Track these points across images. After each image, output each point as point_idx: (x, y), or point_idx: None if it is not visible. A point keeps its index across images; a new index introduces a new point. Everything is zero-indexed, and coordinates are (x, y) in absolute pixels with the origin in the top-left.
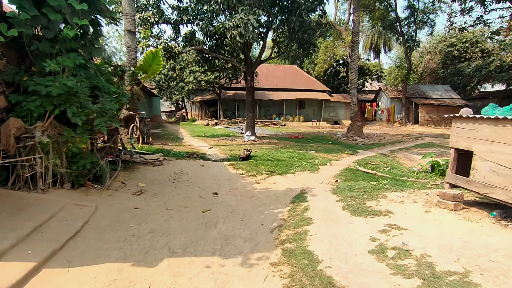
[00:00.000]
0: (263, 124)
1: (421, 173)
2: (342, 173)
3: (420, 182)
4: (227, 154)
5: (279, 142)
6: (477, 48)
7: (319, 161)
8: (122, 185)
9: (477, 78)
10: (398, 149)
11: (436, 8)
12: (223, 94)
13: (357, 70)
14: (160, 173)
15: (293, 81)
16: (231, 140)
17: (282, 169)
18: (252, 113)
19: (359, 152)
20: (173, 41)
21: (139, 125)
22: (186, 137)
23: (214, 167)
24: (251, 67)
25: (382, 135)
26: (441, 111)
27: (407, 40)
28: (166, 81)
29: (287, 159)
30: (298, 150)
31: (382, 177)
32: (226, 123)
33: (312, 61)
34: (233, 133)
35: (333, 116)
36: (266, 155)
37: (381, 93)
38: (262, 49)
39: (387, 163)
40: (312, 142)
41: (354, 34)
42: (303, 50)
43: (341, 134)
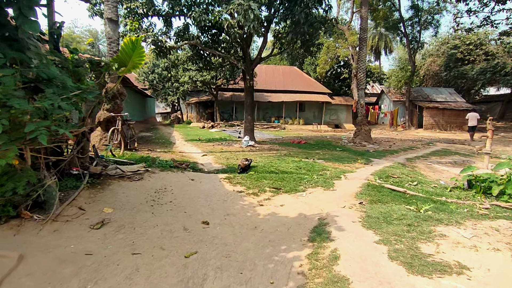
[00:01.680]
0: (262, 128)
1: (456, 189)
2: (364, 191)
3: (466, 205)
4: (223, 164)
5: (281, 148)
6: (481, 50)
7: (331, 173)
8: (80, 213)
9: (481, 81)
10: (415, 157)
11: (441, 8)
12: (220, 95)
13: (365, 70)
14: (137, 191)
15: (293, 82)
16: (228, 146)
17: (290, 185)
18: (251, 115)
19: (373, 161)
20: (164, 35)
21: (121, 128)
22: (178, 141)
23: (206, 181)
24: (250, 65)
25: (390, 140)
26: (446, 115)
27: (411, 41)
28: (161, 81)
29: (293, 170)
30: (305, 158)
31: (415, 197)
32: (222, 125)
33: (313, 63)
34: (230, 137)
35: (334, 119)
36: (269, 166)
37: (383, 95)
38: (263, 44)
39: (410, 175)
40: (317, 149)
41: (362, 31)
42: (306, 48)
43: (346, 139)
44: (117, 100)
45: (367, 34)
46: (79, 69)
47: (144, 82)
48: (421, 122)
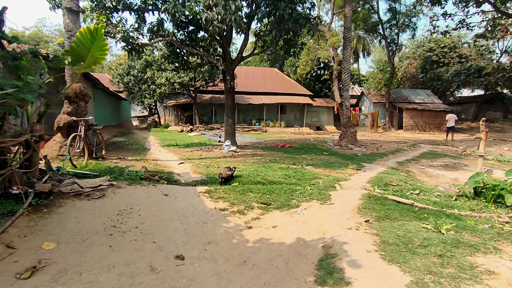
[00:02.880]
0: (243, 131)
1: (462, 198)
2: (367, 204)
3: (484, 219)
4: (202, 174)
5: (265, 152)
6: (455, 53)
7: (324, 182)
8: (7, 252)
9: (456, 83)
10: (405, 160)
11: (418, 11)
12: (199, 97)
13: (350, 71)
14: (95, 214)
15: (274, 84)
16: (207, 151)
17: (281, 199)
18: (232, 118)
19: (365, 166)
20: (136, 32)
21: (84, 134)
22: (154, 147)
23: (182, 197)
24: (231, 65)
25: (375, 143)
26: (425, 116)
27: (389, 44)
28: (137, 83)
29: (283, 180)
30: (292, 165)
31: (424, 210)
32: (202, 129)
33: (293, 64)
34: (210, 141)
35: (315, 121)
36: (254, 175)
37: (363, 97)
38: (244, 42)
39: (408, 182)
40: (303, 153)
41: (347, 30)
42: (289, 48)
43: (331, 142)
44: (80, 102)
45: (351, 33)
46: (21, 63)
47: (118, 84)
48: (401, 123)
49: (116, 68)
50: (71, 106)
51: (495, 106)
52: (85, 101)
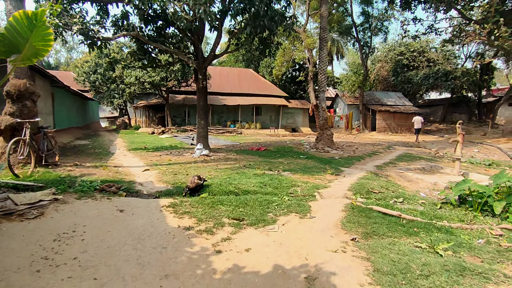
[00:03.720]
0: (217, 133)
1: (446, 205)
2: (351, 217)
3: (476, 231)
4: (168, 183)
5: (240, 156)
6: (424, 57)
7: (303, 189)
8: None
9: (425, 86)
10: (383, 163)
11: (390, 15)
12: (171, 98)
13: (326, 72)
14: (23, 241)
15: (249, 85)
16: (177, 156)
17: (256, 213)
18: (204, 120)
19: (343, 171)
20: (97, 25)
21: (29, 138)
22: (119, 150)
23: (141, 213)
24: (203, 63)
25: (351, 145)
26: (397, 118)
27: (362, 47)
28: (104, 82)
29: (257, 189)
30: (268, 170)
31: (413, 223)
32: (174, 131)
33: (268, 65)
34: (182, 144)
35: (291, 123)
36: (226, 183)
37: (338, 99)
38: (217, 40)
39: (390, 188)
40: (279, 156)
41: (323, 30)
42: (264, 47)
43: (308, 144)
44: (26, 101)
45: (327, 33)
46: None
47: (84, 83)
48: (374, 125)
49: (81, 66)
50: (14, 106)
51: (461, 108)
52: (32, 100)
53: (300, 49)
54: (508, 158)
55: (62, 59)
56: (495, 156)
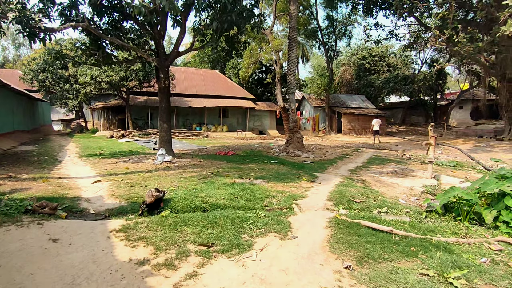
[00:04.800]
0: (182, 136)
1: (431, 214)
2: (338, 235)
3: (474, 247)
4: (122, 197)
5: (207, 162)
6: (384, 62)
7: (279, 201)
8: None
9: (386, 89)
10: (356, 168)
11: (353, 20)
12: (133, 99)
13: (295, 73)
14: None
15: (215, 87)
16: (137, 163)
17: (228, 235)
18: (167, 123)
19: (318, 177)
20: (40, 14)
21: None
22: (69, 157)
23: (82, 242)
24: (165, 61)
25: (320, 148)
26: (361, 120)
27: (327, 50)
28: (56, 82)
29: (228, 202)
30: (238, 178)
31: (407, 239)
32: (136, 134)
33: (235, 67)
34: (143, 149)
35: (258, 125)
36: (192, 196)
37: (304, 101)
38: (180, 35)
39: (369, 195)
40: (249, 162)
41: (292, 30)
42: (231, 46)
43: (277, 148)
44: None
45: (296, 33)
46: None
47: (32, 82)
48: (340, 127)
49: (28, 64)
50: None
51: (418, 111)
52: None
53: (268, 51)
54: (469, 159)
55: (10, 56)
56: (457, 157)
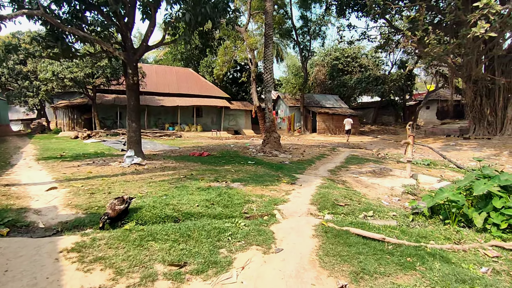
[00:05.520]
0: (153, 136)
1: (418, 217)
2: (326, 246)
3: (470, 253)
4: (80, 207)
5: (180, 164)
6: (356, 63)
7: (259, 206)
8: None
9: (358, 90)
10: (335, 168)
11: (327, 21)
12: (100, 98)
13: (272, 70)
14: None
15: (189, 85)
16: (102, 166)
17: (203, 251)
18: (136, 122)
19: (298, 179)
20: None
21: None
22: (24, 160)
23: (22, 268)
24: (133, 55)
25: (297, 147)
26: (335, 120)
27: (302, 50)
28: (13, 78)
29: (203, 209)
30: (214, 181)
31: (401, 248)
32: (103, 135)
33: (209, 65)
34: (111, 150)
35: (233, 125)
36: (163, 203)
37: (279, 101)
38: (150, 28)
39: (353, 198)
40: (225, 163)
41: (268, 27)
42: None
43: (254, 148)
44: None
45: (273, 30)
46: None
47: None
48: (315, 127)
49: None
50: None
51: (389, 111)
52: None
53: (243, 49)
54: (440, 157)
55: None
56: (430, 156)
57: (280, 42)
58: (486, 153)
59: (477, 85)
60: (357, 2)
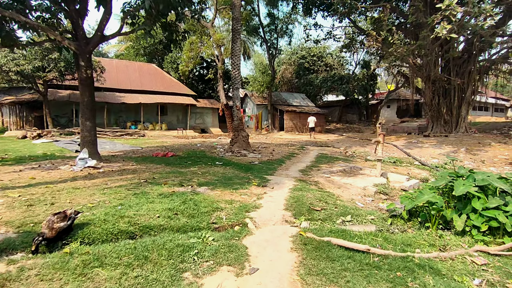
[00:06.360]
0: (114, 136)
1: (396, 219)
2: (308, 264)
3: (457, 262)
4: (11, 224)
5: (141, 166)
6: (322, 62)
7: (228, 214)
8: None
9: (324, 88)
10: (306, 167)
11: (293, 19)
12: (53, 94)
13: (240, 67)
14: None
15: (152, 82)
16: (49, 170)
17: (163, 278)
18: (91, 120)
19: (270, 180)
20: None
21: None
22: None
23: None
24: (86, 45)
25: (267, 147)
26: (302, 118)
27: (269, 48)
28: None
29: (165, 221)
30: (179, 186)
31: (388, 260)
32: (56, 134)
33: (174, 61)
34: (63, 151)
35: (200, 123)
36: (116, 217)
37: (247, 99)
38: (105, 16)
39: (328, 201)
40: (191, 164)
41: (236, 21)
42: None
43: (222, 147)
44: None
45: (241, 25)
46: None
47: None
48: (282, 125)
49: None
50: None
51: (353, 109)
52: None
53: (209, 45)
54: (405, 154)
55: None
56: (395, 153)
57: (247, 40)
58: (446, 150)
59: (435, 85)
60: (323, 2)
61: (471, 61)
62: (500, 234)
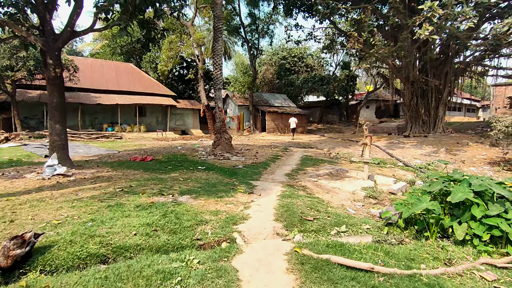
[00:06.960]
0: (89, 139)
1: (392, 228)
2: (308, 286)
3: (470, 279)
4: None
5: (116, 173)
6: (303, 63)
7: (214, 228)
8: None
9: (305, 89)
10: (292, 171)
11: (274, 20)
12: (22, 94)
13: (222, 66)
14: None
15: (130, 82)
16: (13, 179)
17: None
18: (61, 123)
19: (256, 186)
20: None
21: None
22: None
23: None
24: (54, 42)
25: (250, 148)
26: (284, 119)
27: (250, 48)
28: None
29: (142, 240)
30: (158, 195)
31: (393, 280)
32: (25, 137)
33: (153, 61)
34: (31, 156)
35: (180, 125)
36: (85, 236)
37: (228, 100)
38: (76, 10)
39: (319, 209)
40: (172, 169)
41: (217, 19)
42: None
43: (203, 150)
44: None
45: (223, 23)
46: None
47: None
48: (264, 126)
49: None
50: None
51: (334, 110)
52: None
53: (189, 44)
54: (388, 155)
55: None
56: (378, 154)
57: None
58: (427, 150)
59: (414, 86)
60: (304, 3)
61: (448, 62)
62: (503, 243)
